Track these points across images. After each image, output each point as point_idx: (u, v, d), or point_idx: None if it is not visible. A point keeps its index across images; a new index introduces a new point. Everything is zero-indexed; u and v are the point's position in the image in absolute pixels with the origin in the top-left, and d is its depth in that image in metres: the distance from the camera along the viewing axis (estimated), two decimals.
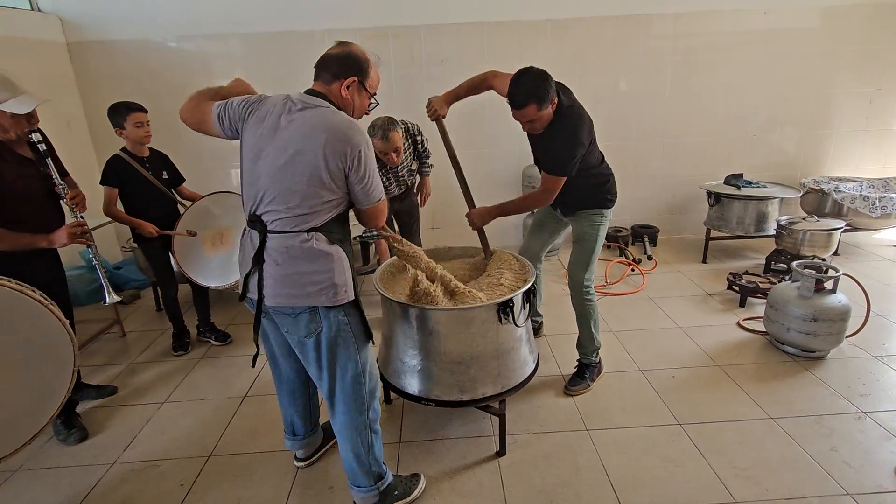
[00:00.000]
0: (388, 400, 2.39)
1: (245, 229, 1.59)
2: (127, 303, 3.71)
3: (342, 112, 1.47)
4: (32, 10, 3.86)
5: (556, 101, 2.05)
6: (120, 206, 2.70)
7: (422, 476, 1.89)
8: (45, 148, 2.01)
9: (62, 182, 2.06)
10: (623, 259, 4.06)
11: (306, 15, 4.00)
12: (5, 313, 1.46)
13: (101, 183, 2.61)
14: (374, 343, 1.67)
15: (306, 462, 2.01)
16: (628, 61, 4.20)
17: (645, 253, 4.20)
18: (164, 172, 2.80)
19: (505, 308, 1.86)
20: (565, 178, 2.14)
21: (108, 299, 2.09)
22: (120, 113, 2.56)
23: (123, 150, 2.66)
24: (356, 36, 4.03)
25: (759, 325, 2.90)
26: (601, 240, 2.35)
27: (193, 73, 4.09)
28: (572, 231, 2.44)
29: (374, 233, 1.73)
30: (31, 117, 1.96)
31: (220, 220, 2.92)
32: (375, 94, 1.58)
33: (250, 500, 1.87)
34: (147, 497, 1.91)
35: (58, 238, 2.00)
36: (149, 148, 2.75)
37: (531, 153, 2.38)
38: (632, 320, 3.12)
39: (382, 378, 2.13)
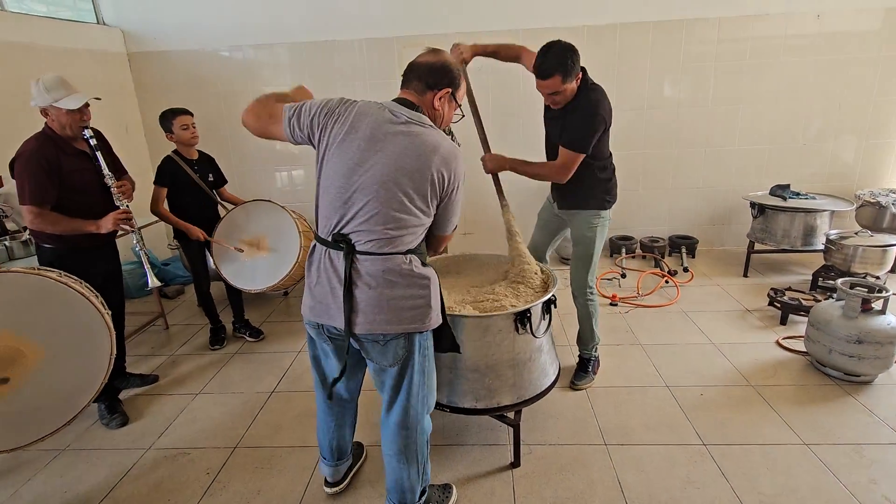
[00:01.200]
0: None
1: (316, 248, 1.47)
2: (171, 297, 3.94)
3: (445, 135, 1.41)
4: (98, 23, 4.18)
5: (580, 76, 2.08)
6: (166, 205, 2.89)
7: (454, 488, 1.88)
8: (95, 143, 2.18)
9: (110, 174, 2.23)
10: (657, 270, 3.94)
11: (346, 24, 4.13)
12: (50, 303, 1.60)
13: (155, 183, 2.79)
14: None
15: (338, 487, 1.89)
16: (669, 67, 4.09)
17: (681, 265, 4.06)
18: (210, 174, 2.97)
19: (522, 318, 1.86)
20: (583, 157, 2.14)
21: (150, 283, 2.23)
22: (167, 118, 2.74)
23: (175, 152, 2.84)
24: (393, 44, 4.15)
25: (801, 345, 2.75)
26: (600, 241, 2.37)
27: (241, 80, 4.30)
28: (571, 233, 2.44)
29: None
30: (83, 114, 2.15)
31: (257, 227, 3.04)
32: (460, 105, 1.54)
33: (269, 492, 1.94)
34: (176, 482, 2.02)
35: (104, 223, 2.17)
36: (198, 150, 2.92)
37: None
38: (662, 334, 3.03)
39: None
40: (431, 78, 1.41)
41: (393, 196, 1.33)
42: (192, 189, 2.88)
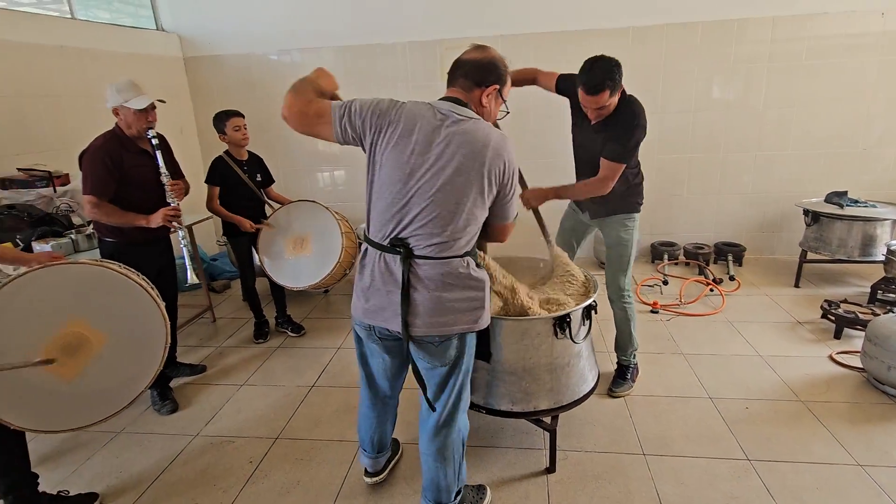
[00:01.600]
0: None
1: (368, 252, 1.47)
2: (219, 291, 4.11)
3: (490, 125, 1.40)
4: (157, 29, 4.41)
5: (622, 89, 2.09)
6: (218, 202, 3.02)
7: (488, 490, 1.88)
8: (157, 143, 2.32)
9: (166, 173, 2.36)
10: (701, 278, 3.82)
11: (389, 28, 4.20)
12: (114, 294, 1.71)
13: (206, 182, 2.93)
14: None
15: (378, 477, 1.94)
16: (718, 68, 3.95)
17: (727, 273, 3.91)
18: (259, 174, 3.09)
19: (562, 323, 1.84)
20: (624, 167, 2.14)
21: (189, 279, 2.35)
22: (221, 119, 2.87)
23: (226, 152, 2.97)
24: (436, 47, 4.19)
25: (856, 361, 2.61)
26: (635, 243, 2.37)
27: (289, 83, 4.43)
28: (605, 237, 2.43)
29: None
30: (148, 115, 2.29)
31: (301, 226, 3.13)
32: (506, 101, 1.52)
33: (308, 483, 2.01)
34: (220, 469, 2.12)
35: (154, 219, 2.30)
36: (247, 151, 3.05)
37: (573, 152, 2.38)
38: (705, 344, 2.93)
39: None
40: (479, 75, 1.41)
41: (451, 199, 1.34)
42: (242, 188, 3.00)
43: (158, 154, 2.33)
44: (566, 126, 2.38)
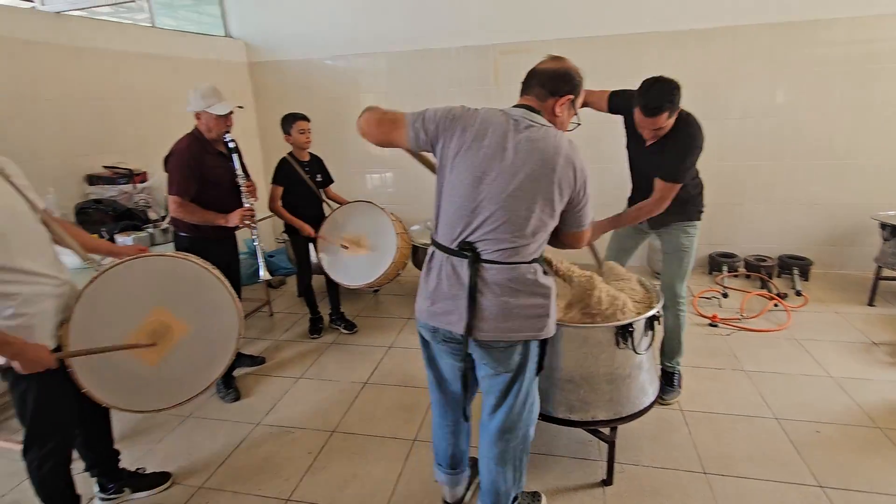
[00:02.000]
0: None
1: (435, 255, 1.48)
2: (275, 287, 4.27)
3: (561, 133, 1.40)
4: (226, 36, 4.65)
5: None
6: (281, 203, 3.15)
7: (543, 497, 1.88)
8: (234, 146, 2.46)
9: (242, 175, 2.50)
10: (764, 292, 3.65)
11: (443, 33, 4.25)
12: (195, 285, 1.81)
13: (272, 182, 3.06)
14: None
15: None
16: (786, 72, 3.77)
17: (793, 287, 3.72)
18: (319, 175, 3.21)
19: (624, 332, 1.81)
20: (679, 186, 2.11)
21: (261, 274, 2.47)
22: (288, 121, 2.99)
23: (290, 154, 3.09)
24: (490, 52, 4.21)
25: None
26: (695, 251, 2.36)
27: (345, 87, 4.58)
28: (663, 244, 2.41)
29: None
30: (227, 120, 2.43)
31: (358, 226, 3.22)
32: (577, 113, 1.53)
33: (365, 477, 2.06)
34: (281, 458, 2.20)
35: (231, 218, 2.43)
36: (309, 153, 3.16)
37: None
38: (769, 361, 2.80)
39: None
40: (553, 84, 1.42)
41: (521, 205, 1.35)
42: (303, 188, 3.12)
43: (235, 157, 2.46)
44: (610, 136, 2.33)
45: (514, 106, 1.45)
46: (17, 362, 1.48)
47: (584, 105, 2.36)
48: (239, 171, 2.47)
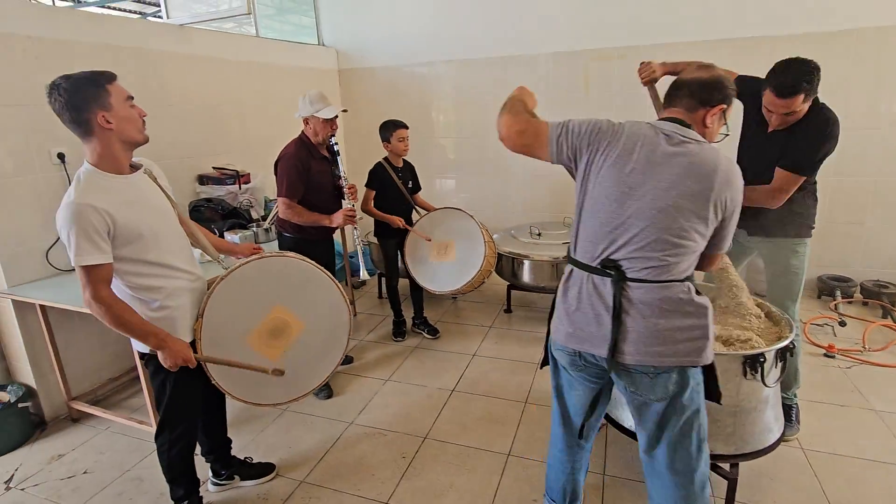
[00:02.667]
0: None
1: (574, 273, 1.42)
2: (356, 287, 4.39)
3: (719, 150, 1.33)
4: (319, 44, 4.85)
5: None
6: (372, 205, 3.22)
7: None
8: (337, 149, 2.56)
9: (345, 177, 2.59)
10: (889, 322, 3.29)
11: (532, 39, 4.19)
12: (309, 284, 1.88)
13: (366, 185, 3.14)
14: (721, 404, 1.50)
15: None
16: None
17: None
18: (410, 181, 3.25)
19: (754, 362, 1.68)
20: (803, 180, 1.95)
21: (361, 274, 2.55)
22: (388, 128, 3.06)
23: (385, 159, 3.16)
24: (580, 58, 4.10)
25: None
26: (805, 272, 2.17)
27: (430, 93, 4.64)
28: (768, 264, 2.22)
29: None
30: (333, 124, 2.53)
31: (446, 232, 3.23)
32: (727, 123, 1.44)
33: (462, 488, 2.04)
34: (377, 459, 2.23)
35: (335, 219, 2.52)
36: (402, 159, 3.22)
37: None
38: None
39: None
40: (705, 94, 1.34)
41: (673, 221, 1.27)
42: (395, 194, 3.17)
43: (339, 160, 2.55)
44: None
45: (662, 119, 1.38)
46: (161, 354, 1.58)
47: None
48: (342, 174, 2.56)
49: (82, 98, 1.43)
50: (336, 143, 2.57)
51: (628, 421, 1.92)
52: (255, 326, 1.79)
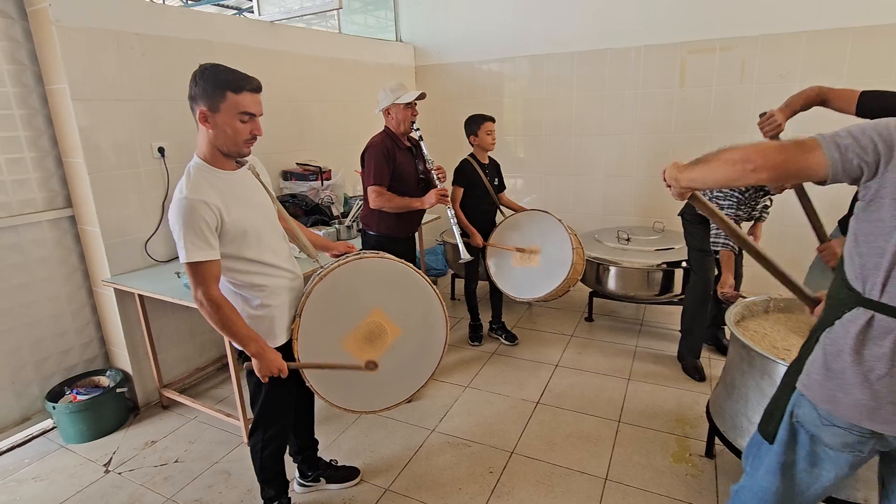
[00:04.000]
0: (709, 453, 2.14)
1: (874, 324, 1.03)
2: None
3: None
4: (397, 41, 4.81)
5: None
6: (458, 204, 3.11)
7: None
8: (420, 134, 2.56)
9: (431, 159, 2.57)
10: None
11: (624, 32, 3.94)
12: (410, 291, 1.79)
13: (453, 183, 3.04)
14: None
15: None
16: None
17: None
18: (496, 179, 3.12)
19: None
20: None
21: (462, 255, 2.57)
22: (476, 122, 2.95)
23: (471, 155, 3.05)
24: (678, 50, 3.81)
25: None
26: None
27: (508, 89, 4.49)
28: None
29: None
30: (413, 109, 2.52)
31: (532, 236, 3.07)
32: None
33: None
34: (463, 472, 2.12)
35: (427, 199, 2.48)
36: (488, 156, 3.09)
37: None
38: None
39: (710, 420, 1.94)
40: None
41: None
42: (481, 191, 3.05)
43: (422, 144, 2.57)
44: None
45: None
46: (256, 361, 1.54)
47: (823, 104, 1.97)
48: (428, 156, 2.56)
49: (201, 90, 1.41)
50: (418, 129, 2.55)
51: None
52: (351, 330, 1.72)
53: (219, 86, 1.41)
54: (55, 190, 2.47)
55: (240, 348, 1.58)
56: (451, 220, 2.61)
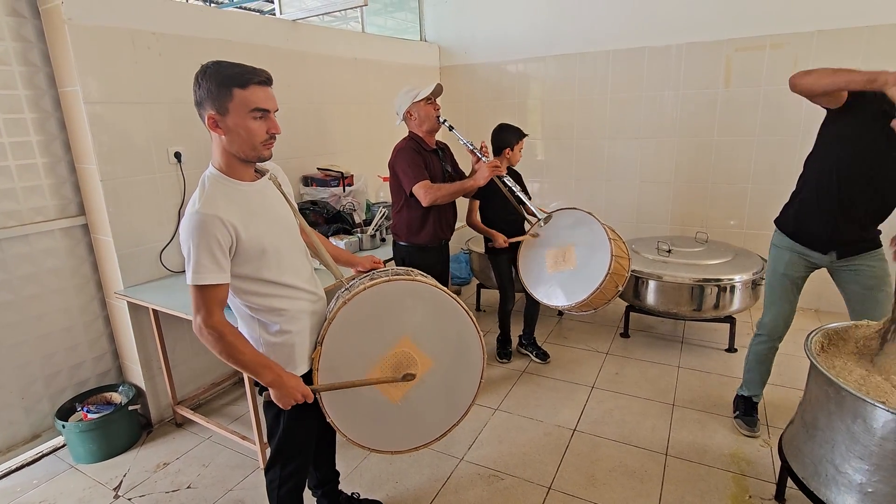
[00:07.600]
0: (779, 497, 1.91)
1: None
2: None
3: None
4: (421, 40, 4.65)
5: None
6: (478, 216, 2.93)
7: None
8: (449, 124, 2.45)
9: (469, 141, 2.47)
10: None
11: (665, 30, 3.70)
12: (440, 315, 1.60)
13: (471, 197, 2.85)
14: None
15: None
16: None
17: None
18: (517, 187, 2.92)
19: None
20: None
21: (539, 214, 2.62)
22: (516, 135, 2.80)
23: None
24: (724, 48, 3.55)
25: None
26: None
27: (534, 89, 4.28)
28: (861, 279, 1.97)
29: None
30: (434, 104, 2.41)
31: (563, 237, 2.84)
32: None
33: None
34: None
35: (480, 176, 2.39)
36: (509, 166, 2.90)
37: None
38: None
39: (784, 460, 1.72)
40: None
41: None
42: (502, 202, 2.84)
43: (455, 131, 2.49)
44: None
45: None
46: (274, 391, 1.38)
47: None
48: (462, 139, 2.47)
49: (205, 92, 1.25)
50: (445, 120, 2.43)
51: None
52: (377, 361, 1.54)
53: (224, 84, 1.25)
54: (68, 197, 2.36)
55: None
56: (513, 191, 2.60)
